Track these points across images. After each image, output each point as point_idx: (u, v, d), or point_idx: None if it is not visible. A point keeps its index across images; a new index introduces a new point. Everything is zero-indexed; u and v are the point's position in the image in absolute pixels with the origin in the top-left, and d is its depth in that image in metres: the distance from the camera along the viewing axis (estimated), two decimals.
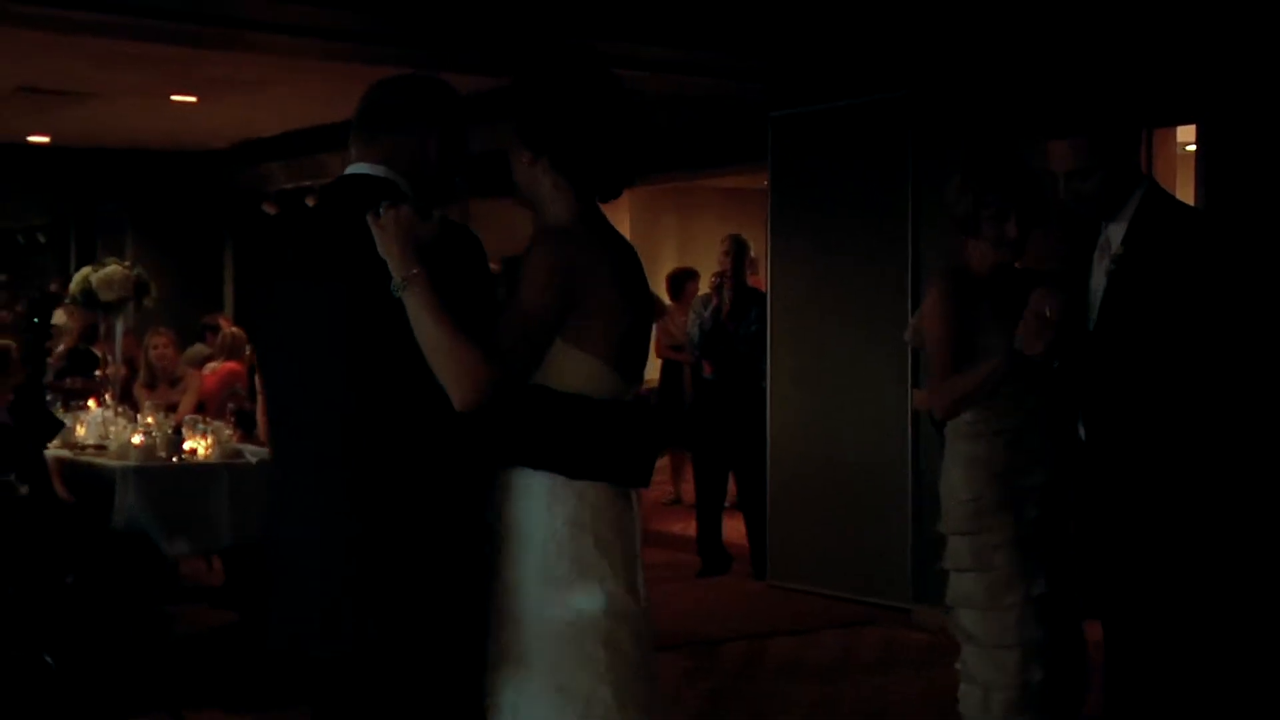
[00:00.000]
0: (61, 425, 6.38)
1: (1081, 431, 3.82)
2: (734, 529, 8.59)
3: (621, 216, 13.01)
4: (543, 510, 2.70)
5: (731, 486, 8.64)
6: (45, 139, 13.24)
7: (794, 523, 7.95)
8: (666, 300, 9.92)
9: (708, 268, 9.19)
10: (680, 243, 13.52)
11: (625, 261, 2.81)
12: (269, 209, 12.54)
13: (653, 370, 10.37)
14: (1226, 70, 6.22)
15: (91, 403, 7.03)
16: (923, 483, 7.19)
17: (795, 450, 7.97)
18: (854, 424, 7.65)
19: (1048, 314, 3.59)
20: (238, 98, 10.36)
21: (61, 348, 9.87)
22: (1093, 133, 3.63)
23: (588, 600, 2.69)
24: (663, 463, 11.34)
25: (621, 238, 2.88)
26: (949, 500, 4.19)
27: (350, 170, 2.91)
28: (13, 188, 15.14)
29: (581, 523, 2.70)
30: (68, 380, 8.64)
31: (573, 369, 2.71)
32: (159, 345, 8.03)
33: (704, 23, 7.32)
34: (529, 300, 2.67)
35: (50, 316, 11.49)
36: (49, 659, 5.44)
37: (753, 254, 8.56)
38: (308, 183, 11.90)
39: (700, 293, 9.10)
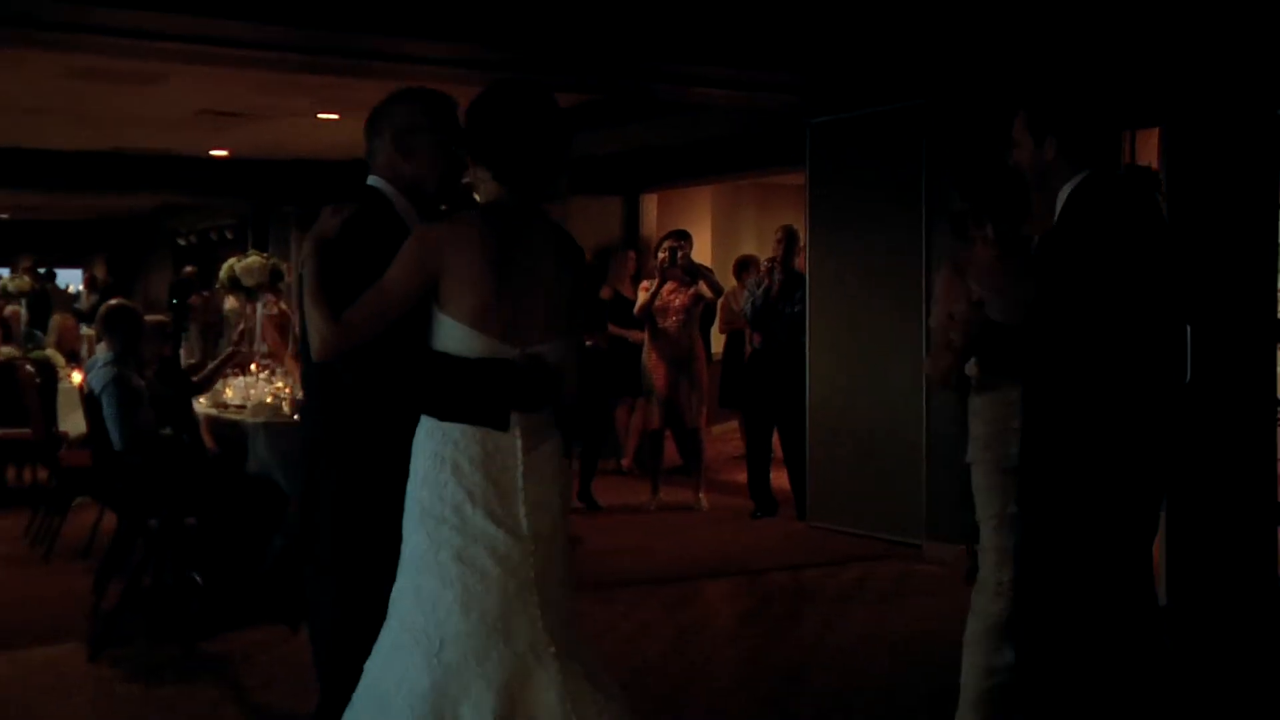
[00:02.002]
0: (200, 388, 6.68)
1: None
2: (781, 478, 8.73)
3: (704, 210, 13.19)
4: (423, 443, 2.86)
5: (777, 442, 8.73)
6: (225, 153, 13.68)
7: (829, 473, 8.06)
8: (732, 282, 10.05)
9: None
10: (758, 232, 13.60)
11: (524, 242, 2.86)
12: None
13: (718, 342, 10.53)
14: (1191, 77, 6.23)
15: (251, 369, 7.30)
16: (935, 439, 7.29)
17: (830, 411, 8.07)
18: (879, 389, 7.74)
19: (954, 340, 3.61)
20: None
21: (242, 326, 10.23)
22: (1027, 107, 3.45)
23: (442, 521, 2.79)
24: (734, 424, 11.48)
25: (545, 226, 2.94)
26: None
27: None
28: (203, 194, 15.75)
29: (444, 456, 2.81)
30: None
31: (444, 331, 2.83)
32: None
33: (747, 44, 7.42)
34: (387, 276, 2.83)
35: (188, 297, 11.94)
36: (197, 576, 5.77)
37: (802, 243, 8.67)
38: None
39: (753, 277, 9.22)
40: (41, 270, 17.37)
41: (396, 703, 2.74)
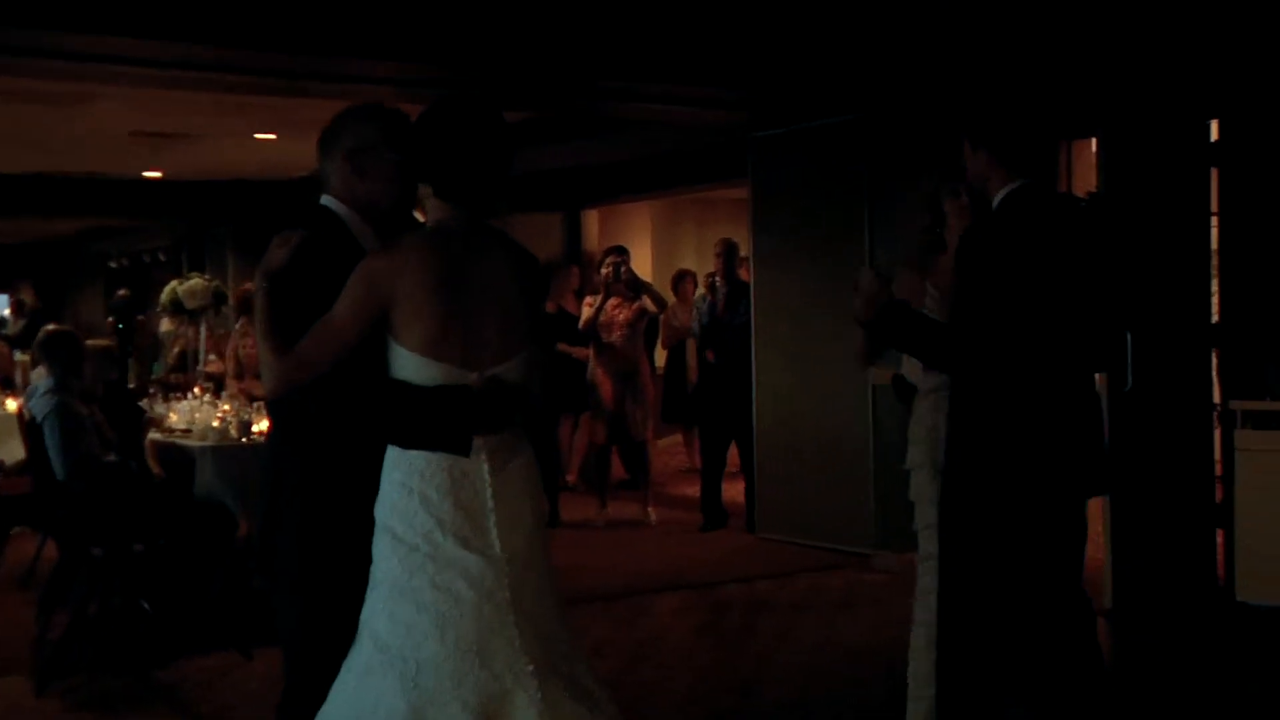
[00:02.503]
0: (144, 413, 6.60)
1: None
2: (736, 491, 8.76)
3: (644, 225, 13.25)
4: (390, 472, 2.86)
5: (733, 454, 8.78)
6: (159, 174, 13.54)
7: (777, 484, 8.11)
8: (671, 298, 10.09)
9: None
10: (698, 246, 13.69)
11: (476, 263, 2.83)
12: None
13: (661, 357, 10.58)
14: (1126, 88, 6.37)
15: (194, 392, 7.20)
16: (882, 448, 7.36)
17: (777, 422, 8.13)
18: (825, 400, 7.80)
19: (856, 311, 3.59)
20: (310, 133, 10.57)
21: (176, 350, 10.12)
22: (967, 128, 3.55)
23: (415, 549, 2.79)
24: (678, 437, 11.53)
25: (497, 242, 2.91)
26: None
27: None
28: (135, 216, 15.54)
29: (410, 487, 2.81)
30: (171, 376, 8.96)
31: (399, 361, 2.82)
32: (250, 345, 8.02)
33: (690, 60, 7.45)
34: (335, 309, 2.82)
35: (132, 319, 11.80)
36: (145, 604, 5.66)
37: (743, 254, 8.73)
38: None
39: (698, 292, 9.26)
40: None
41: None
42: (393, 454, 2.86)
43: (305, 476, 2.99)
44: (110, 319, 11.26)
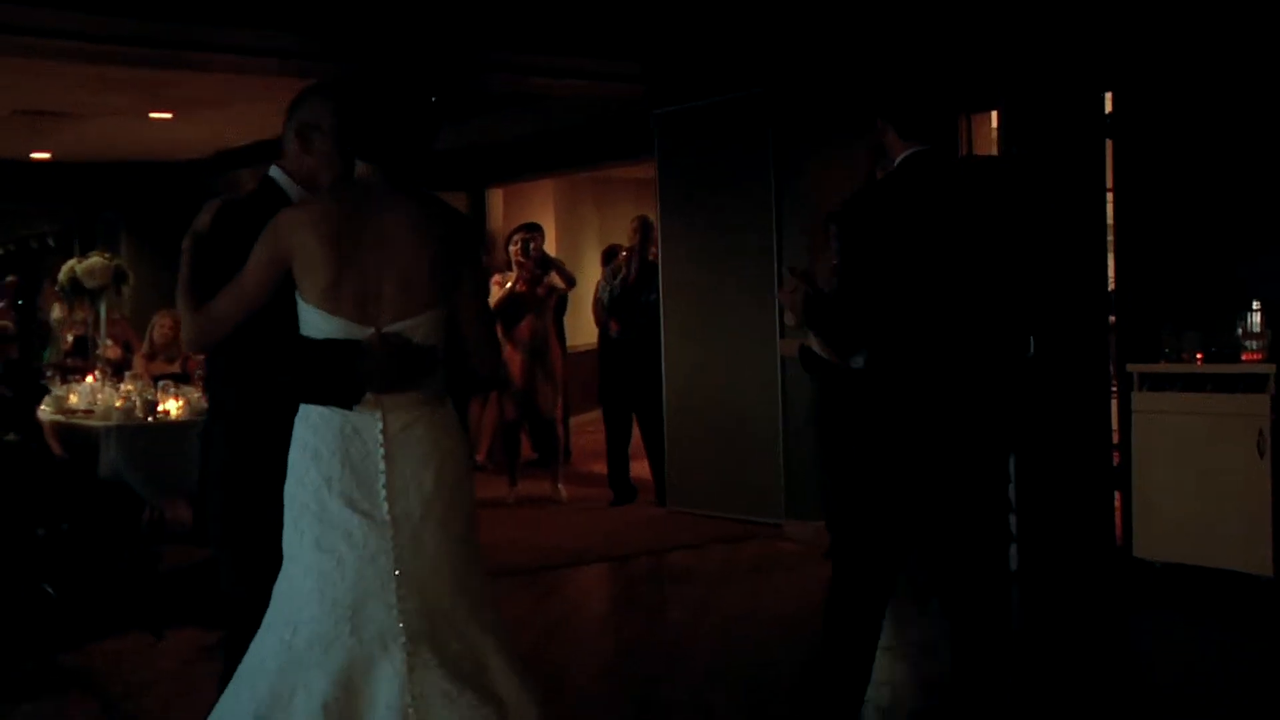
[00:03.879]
0: (47, 391, 6.48)
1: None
2: (642, 467, 8.82)
3: (546, 205, 13.23)
4: (295, 430, 2.87)
5: (636, 430, 8.82)
6: (47, 155, 13.19)
7: (687, 457, 8.18)
8: (596, 273, 10.07)
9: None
10: (600, 224, 13.72)
11: (374, 219, 2.81)
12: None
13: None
14: (1024, 63, 6.52)
15: (89, 378, 7.09)
16: (791, 420, 7.46)
17: (686, 397, 8.19)
18: (734, 374, 7.88)
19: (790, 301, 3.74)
20: (208, 113, 10.42)
21: (71, 336, 9.90)
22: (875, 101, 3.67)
23: (305, 508, 2.80)
24: (596, 414, 11.52)
25: (404, 201, 2.86)
26: None
27: None
28: (22, 200, 15.13)
29: (306, 442, 2.83)
30: (68, 360, 8.76)
31: (303, 315, 2.83)
32: (166, 325, 7.88)
33: (589, 33, 7.43)
34: (245, 265, 2.85)
35: (33, 301, 11.53)
36: (49, 589, 5.55)
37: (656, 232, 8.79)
38: None
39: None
40: None
41: (253, 682, 2.77)
42: (300, 411, 2.87)
43: (229, 435, 3.06)
44: (4, 301, 10.96)
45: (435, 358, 2.87)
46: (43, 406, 6.56)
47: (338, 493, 2.77)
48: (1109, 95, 6.63)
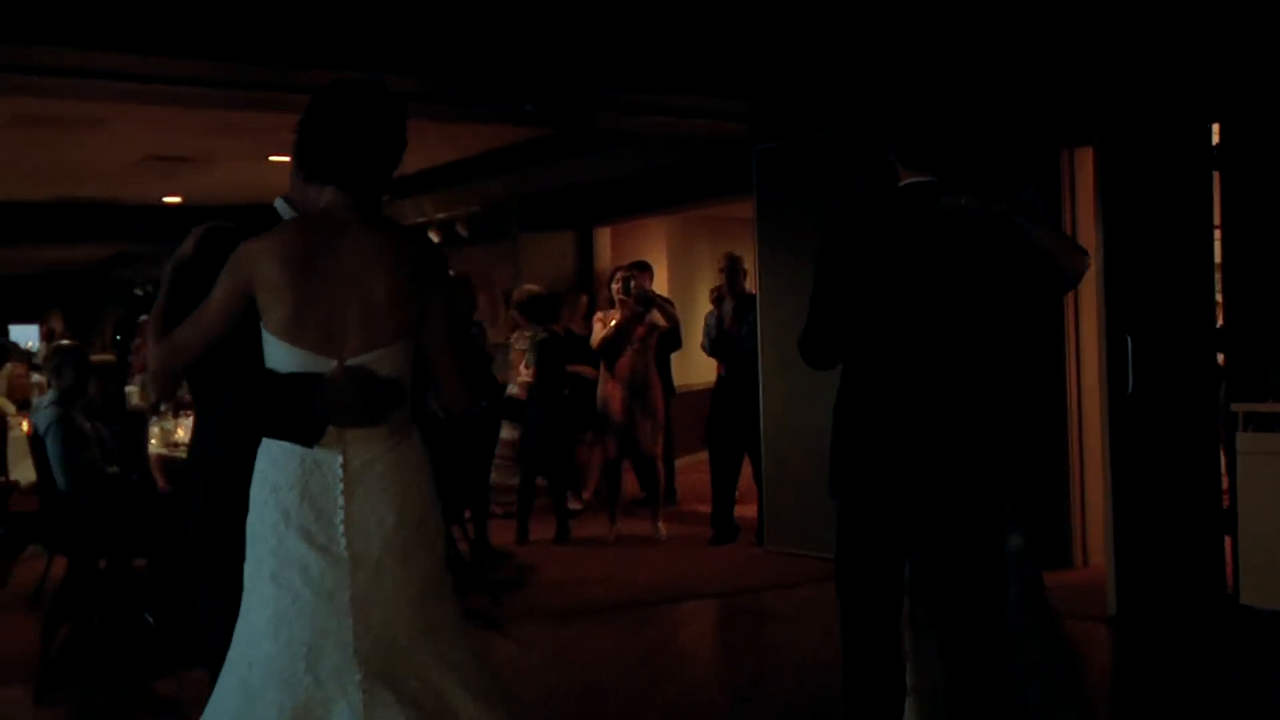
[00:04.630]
0: (146, 425, 6.68)
1: None
2: (751, 507, 8.77)
3: (659, 244, 13.30)
4: (257, 463, 2.82)
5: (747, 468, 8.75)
6: (178, 199, 13.69)
7: (783, 497, 8.10)
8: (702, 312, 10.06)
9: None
10: (713, 264, 13.70)
11: (335, 248, 2.75)
12: None
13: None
14: (1125, 93, 6.38)
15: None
16: None
17: (784, 434, 8.12)
18: (829, 409, 7.78)
19: None
20: None
21: None
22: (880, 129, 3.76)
23: (263, 541, 2.74)
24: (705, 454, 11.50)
25: (366, 229, 2.79)
26: None
27: None
28: (158, 242, 15.66)
29: (266, 475, 2.78)
30: (185, 395, 9.04)
31: (267, 348, 2.78)
32: None
33: (690, 71, 7.52)
34: (208, 297, 2.79)
35: (131, 332, 11.88)
36: (149, 618, 5.74)
37: (746, 267, 8.77)
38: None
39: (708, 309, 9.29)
40: None
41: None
42: (262, 445, 2.82)
43: (203, 470, 3.09)
44: (110, 333, 11.38)
45: (401, 391, 2.79)
46: (152, 440, 6.79)
47: (295, 527, 2.71)
48: (1216, 126, 6.44)
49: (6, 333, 18.52)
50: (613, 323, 8.74)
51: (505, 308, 10.39)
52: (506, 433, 9.04)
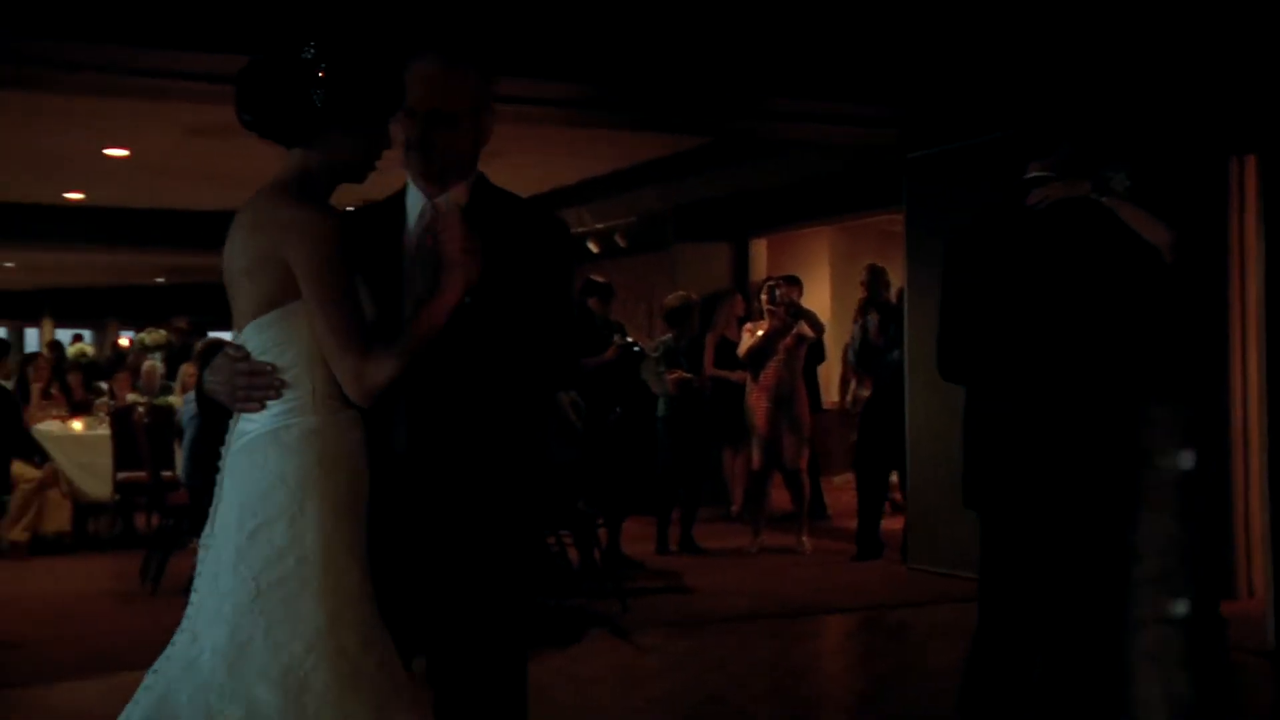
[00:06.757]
0: None
1: None
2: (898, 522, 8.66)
3: (821, 256, 13.18)
4: None
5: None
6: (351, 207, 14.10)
7: (928, 514, 7.95)
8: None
9: None
10: None
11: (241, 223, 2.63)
12: None
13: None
14: None
15: None
16: None
17: (929, 450, 7.97)
18: None
19: None
20: (495, 164, 10.86)
21: None
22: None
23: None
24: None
25: (264, 199, 2.57)
26: None
27: None
28: None
29: None
30: None
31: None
32: None
33: (841, 78, 7.48)
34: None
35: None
36: None
37: (889, 279, 8.65)
38: None
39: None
40: (185, 329, 17.88)
41: None
42: None
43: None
44: None
45: (267, 372, 2.51)
46: None
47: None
48: None
49: (203, 332, 19.26)
50: (760, 332, 8.71)
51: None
52: None
